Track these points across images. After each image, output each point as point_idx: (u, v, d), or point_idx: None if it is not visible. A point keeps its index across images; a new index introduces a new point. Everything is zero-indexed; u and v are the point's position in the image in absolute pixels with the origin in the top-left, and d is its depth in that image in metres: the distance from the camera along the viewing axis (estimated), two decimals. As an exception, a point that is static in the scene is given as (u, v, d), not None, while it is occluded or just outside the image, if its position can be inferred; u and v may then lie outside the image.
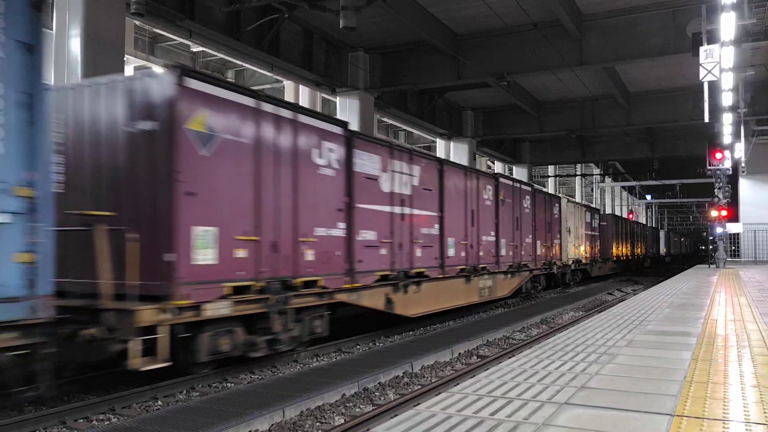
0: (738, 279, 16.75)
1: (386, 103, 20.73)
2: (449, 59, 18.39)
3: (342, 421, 6.65)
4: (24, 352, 5.39)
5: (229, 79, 9.20)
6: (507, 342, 12.10)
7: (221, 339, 7.88)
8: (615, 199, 56.11)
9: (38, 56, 5.52)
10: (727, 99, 16.49)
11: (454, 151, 26.49)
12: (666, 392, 4.06)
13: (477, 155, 28.58)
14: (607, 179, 50.89)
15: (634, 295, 17.63)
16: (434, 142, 28.42)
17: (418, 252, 12.72)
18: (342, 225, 10.25)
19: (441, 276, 13.58)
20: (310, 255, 9.40)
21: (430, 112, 23.64)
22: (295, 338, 9.12)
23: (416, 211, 12.72)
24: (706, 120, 17.05)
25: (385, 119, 24.64)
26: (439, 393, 4.89)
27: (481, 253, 15.74)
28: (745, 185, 28.10)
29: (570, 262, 24.62)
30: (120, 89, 7.61)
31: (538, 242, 20.41)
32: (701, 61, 13.02)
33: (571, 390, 4.11)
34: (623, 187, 57.65)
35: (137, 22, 14.85)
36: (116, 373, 8.36)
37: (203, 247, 7.49)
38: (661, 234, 62.62)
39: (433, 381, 8.57)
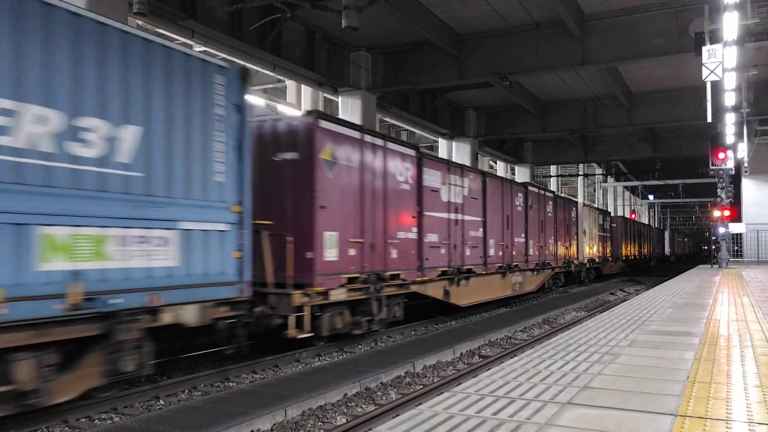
0: (741, 279, 16.71)
1: (388, 102, 20.71)
2: (451, 59, 18.38)
3: (344, 420, 6.66)
4: (232, 321, 7.82)
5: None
6: (509, 342, 12.09)
7: (336, 318, 10.27)
8: (617, 199, 56.03)
9: (244, 113, 7.97)
10: (729, 99, 16.45)
11: (456, 151, 26.46)
12: (669, 392, 4.05)
13: (479, 155, 28.55)
14: (610, 179, 50.80)
15: (637, 295, 17.60)
16: (436, 141, 28.40)
17: (468, 252, 15.07)
18: (414, 229, 12.67)
19: (484, 272, 15.97)
20: (394, 253, 11.82)
21: (432, 111, 23.62)
22: (383, 320, 11.51)
23: (466, 217, 15.14)
24: (709, 120, 17.00)
25: (387, 119, 24.61)
26: (442, 393, 4.89)
27: (513, 253, 18.15)
28: (747, 185, 28.04)
29: (585, 261, 27.08)
30: (269, 127, 9.98)
31: (559, 243, 22.80)
32: (704, 60, 12.99)
33: (573, 390, 4.10)
34: (626, 187, 57.54)
35: (140, 22, 14.84)
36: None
37: (330, 247, 9.99)
38: (666, 235, 65.40)
39: (435, 381, 8.56)
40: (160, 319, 6.86)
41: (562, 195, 27.97)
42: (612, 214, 36.38)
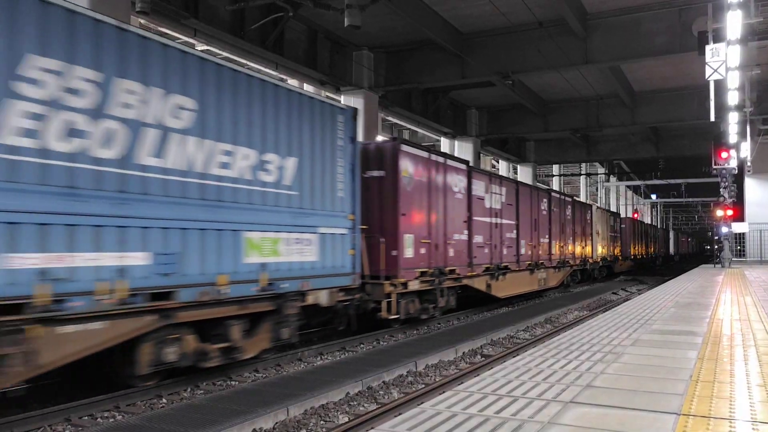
0: (743, 279, 16.68)
1: (391, 101, 20.71)
2: (454, 58, 18.37)
3: (346, 419, 6.65)
4: (346, 303, 10.29)
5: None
6: (511, 341, 12.08)
7: (410, 305, 12.46)
8: (620, 199, 55.97)
9: (355, 143, 10.46)
10: (733, 98, 16.40)
11: (458, 150, 26.45)
12: (672, 391, 4.04)
13: (481, 154, 28.53)
14: (612, 178, 50.74)
15: (639, 294, 17.58)
16: (438, 140, 28.38)
17: (504, 251, 17.27)
18: (465, 232, 14.80)
19: (517, 269, 18.13)
20: (451, 252, 14.00)
21: (434, 111, 23.61)
22: (442, 308, 13.70)
23: (504, 221, 17.31)
24: (712, 119, 16.98)
25: (389, 118, 24.61)
26: (444, 391, 4.88)
27: (540, 252, 20.25)
28: (750, 185, 27.98)
29: (599, 260, 29.22)
30: (360, 149, 11.28)
31: (576, 243, 24.92)
32: (707, 59, 12.95)
33: (576, 389, 4.09)
34: (628, 187, 57.47)
35: (142, 21, 14.85)
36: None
37: (408, 247, 12.19)
38: (671, 235, 68.26)
39: (437, 380, 8.56)
40: (307, 300, 9.27)
41: (579, 199, 30.85)
42: (621, 216, 38.46)
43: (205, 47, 15.73)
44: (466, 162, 15.13)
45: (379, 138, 19.25)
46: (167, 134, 7.12)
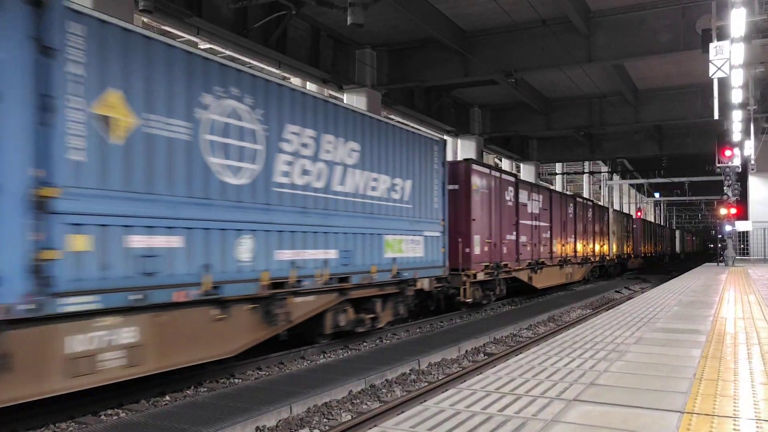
0: (747, 277, 16.65)
1: (393, 100, 20.69)
2: (457, 56, 18.34)
3: (349, 417, 6.66)
4: (439, 289, 13.35)
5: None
6: (514, 339, 12.07)
7: (476, 292, 15.30)
8: (623, 197, 55.85)
9: (445, 166, 13.40)
10: (736, 96, 16.34)
11: (461, 148, 26.42)
12: (676, 389, 4.03)
13: (484, 152, 28.50)
14: (615, 177, 50.63)
15: (643, 293, 17.55)
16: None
17: (541, 249, 20.52)
18: (514, 233, 18.00)
19: (551, 264, 21.49)
20: (504, 249, 17.13)
21: (437, 109, 23.59)
22: (498, 295, 16.67)
23: (541, 223, 20.64)
24: (716, 117, 16.92)
25: (392, 116, 24.61)
26: (447, 390, 4.88)
27: (567, 250, 23.76)
28: (754, 183, 27.90)
29: (614, 257, 32.58)
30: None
31: (595, 242, 28.37)
32: (711, 57, 12.90)
33: (579, 387, 4.09)
34: (631, 185, 57.34)
35: (145, 20, 14.85)
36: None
37: (477, 245, 15.16)
38: (677, 234, 72.55)
39: (440, 378, 8.56)
40: (416, 286, 12.19)
41: (599, 203, 34.01)
42: (633, 217, 42.05)
43: (208, 45, 15.73)
44: (515, 175, 19.40)
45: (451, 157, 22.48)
46: (346, 169, 10.12)
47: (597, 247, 28.41)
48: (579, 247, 25.19)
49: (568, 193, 29.86)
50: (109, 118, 6.26)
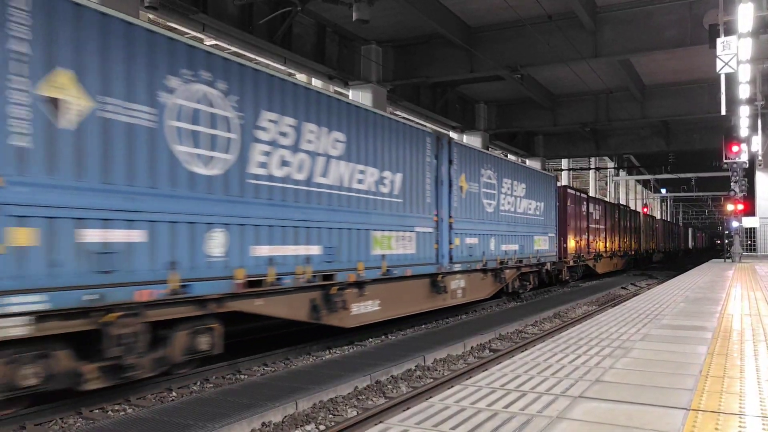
0: (754, 273, 16.58)
1: (399, 96, 20.67)
2: (462, 52, 18.29)
3: (355, 413, 6.68)
4: (535, 271, 19.05)
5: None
6: (520, 336, 12.07)
7: (567, 274, 22.44)
8: (629, 193, 55.63)
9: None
10: (744, 91, 16.24)
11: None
12: (681, 386, 4.03)
13: (490, 148, 28.43)
14: (622, 173, 50.40)
15: (649, 289, 17.51)
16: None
17: (599, 245, 27.49)
18: (586, 234, 24.62)
19: (605, 256, 28.74)
20: (581, 245, 23.90)
21: (443, 105, 23.55)
22: (576, 279, 24.44)
23: (599, 226, 27.86)
24: (723, 113, 16.83)
25: (398, 112, 24.55)
26: (452, 386, 4.89)
27: (615, 245, 30.95)
28: (761, 179, 27.74)
29: (644, 251, 40.20)
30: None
31: (632, 240, 35.72)
32: (718, 52, 12.82)
33: (585, 383, 4.09)
34: (638, 181, 57.08)
35: (151, 16, 14.86)
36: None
37: (570, 242, 22.38)
38: (689, 231, 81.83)
39: (445, 374, 8.57)
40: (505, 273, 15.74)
41: (629, 207, 39.76)
42: (657, 218, 50.02)
43: (213, 42, 15.74)
44: (586, 192, 27.78)
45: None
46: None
47: (633, 244, 35.84)
48: (621, 243, 32.67)
49: (614, 202, 36.85)
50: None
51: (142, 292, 6.46)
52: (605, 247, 28.46)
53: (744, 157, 22.67)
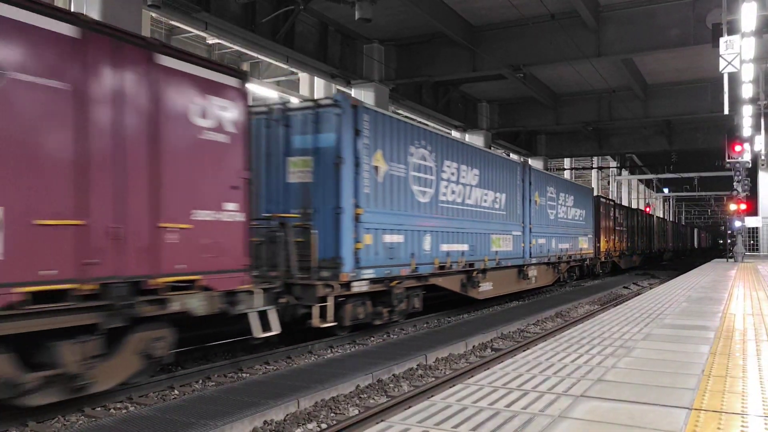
0: (756, 273, 16.55)
1: (401, 95, 20.66)
2: (465, 51, 18.28)
3: (356, 412, 6.68)
4: (579, 266, 24.07)
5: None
6: (522, 335, 12.06)
7: (601, 267, 27.42)
8: (632, 192, 55.57)
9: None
10: (747, 91, 16.21)
11: (469, 143, 26.34)
12: (684, 386, 4.02)
13: (492, 148, 28.42)
14: (624, 172, 50.34)
15: (651, 288, 17.49)
16: (449, 134, 28.24)
17: (624, 244, 32.16)
18: (614, 235, 29.52)
19: (628, 254, 33.36)
20: (610, 244, 28.96)
21: (445, 104, 23.53)
22: (608, 269, 29.49)
23: (622, 228, 32.14)
24: (726, 112, 16.77)
25: (400, 111, 24.54)
26: (454, 385, 4.89)
27: (635, 245, 35.55)
28: (764, 178, 27.69)
29: (656, 250, 44.78)
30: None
31: (647, 239, 40.28)
32: (721, 52, 12.79)
33: (587, 383, 4.09)
34: (640, 180, 57.00)
35: (153, 15, 14.89)
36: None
37: (602, 242, 27.10)
38: (695, 232, 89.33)
39: (447, 373, 8.56)
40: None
41: (651, 213, 45.75)
42: (668, 221, 57.30)
43: (216, 40, 15.75)
44: (613, 201, 33.14)
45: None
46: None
47: (648, 243, 40.68)
48: (639, 243, 37.15)
49: (634, 208, 41.40)
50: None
51: (402, 270, 11.31)
52: (627, 246, 33.22)
53: (747, 157, 22.65)
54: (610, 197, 47.33)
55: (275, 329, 7.97)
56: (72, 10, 10.77)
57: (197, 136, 7.14)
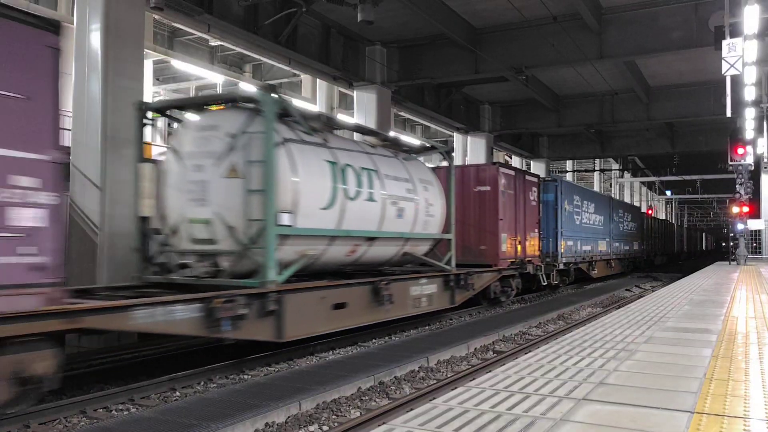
0: (759, 276, 16.52)
1: (403, 97, 20.66)
2: (467, 53, 18.28)
3: (357, 414, 6.67)
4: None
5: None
6: (524, 337, 12.05)
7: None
8: (634, 195, 55.49)
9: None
10: (749, 93, 16.20)
11: (471, 145, 26.36)
12: (686, 389, 4.02)
13: (494, 150, 28.42)
14: (627, 174, 50.28)
15: (653, 291, 17.46)
16: (451, 136, 28.29)
17: (657, 247, 41.49)
18: (651, 240, 39.09)
19: (654, 255, 39.41)
20: (651, 246, 39.03)
21: (447, 106, 23.54)
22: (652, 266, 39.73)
23: (657, 234, 41.46)
24: (728, 115, 16.76)
25: (402, 113, 24.55)
26: (456, 387, 4.89)
27: (663, 248, 43.71)
28: (767, 181, 27.64)
29: (675, 251, 51.26)
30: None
31: (672, 243, 48.11)
32: (724, 54, 12.79)
33: (589, 386, 4.08)
34: (642, 183, 56.93)
35: (156, 17, 14.92)
36: (134, 364, 8.47)
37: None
38: (703, 235, 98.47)
39: (449, 376, 8.56)
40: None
41: (661, 218, 51.77)
42: (684, 226, 69.14)
43: (219, 42, 15.77)
44: (654, 216, 42.73)
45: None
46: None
47: (672, 246, 48.97)
48: (667, 246, 45.42)
49: (658, 217, 48.03)
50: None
51: (574, 259, 21.23)
52: (660, 248, 42.43)
53: (749, 160, 22.61)
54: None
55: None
56: (75, 12, 10.81)
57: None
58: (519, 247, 16.60)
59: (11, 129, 5.48)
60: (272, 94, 8.43)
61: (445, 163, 13.97)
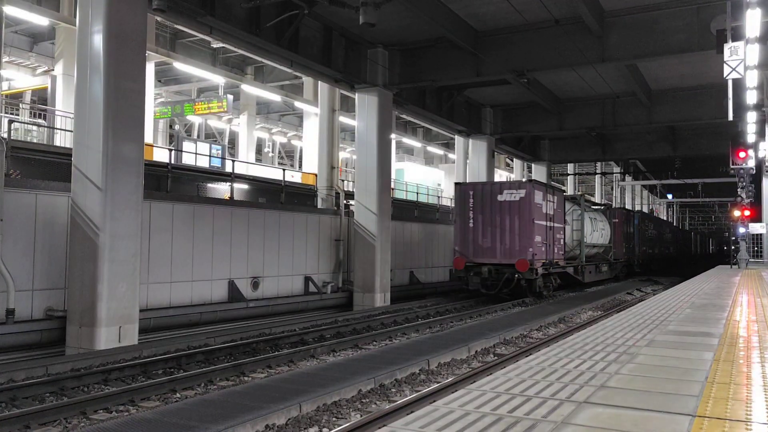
0: (761, 280, 16.49)
1: (405, 99, 20.66)
2: (469, 56, 18.29)
3: (358, 416, 6.66)
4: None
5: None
6: (524, 341, 12.03)
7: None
8: (635, 198, 55.49)
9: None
10: (751, 97, 16.18)
11: (472, 148, 26.34)
12: (687, 392, 4.00)
13: (495, 153, 28.41)
14: (628, 178, 50.28)
15: (654, 295, 17.44)
16: (452, 139, 28.26)
17: (671, 252, 46.39)
18: (658, 244, 41.45)
19: (669, 258, 45.75)
20: (661, 250, 42.71)
21: (448, 108, 23.53)
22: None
23: (670, 240, 47.23)
24: (730, 118, 16.71)
25: (403, 116, 24.54)
26: (457, 390, 4.87)
27: (673, 251, 47.61)
28: (768, 185, 27.58)
29: (691, 254, 56.00)
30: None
31: (685, 246, 50.06)
32: (725, 58, 12.76)
33: (590, 389, 4.07)
34: (644, 186, 56.92)
35: (158, 19, 14.94)
36: (134, 365, 8.45)
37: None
38: (710, 240, 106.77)
39: (450, 378, 8.54)
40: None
41: (678, 226, 59.17)
42: (686, 229, 76.06)
43: (221, 44, 15.79)
44: (677, 226, 54.86)
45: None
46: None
47: (684, 249, 53.83)
48: (684, 248, 52.08)
49: (674, 225, 52.20)
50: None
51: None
52: (668, 252, 44.98)
53: (751, 163, 22.55)
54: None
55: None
56: (77, 13, 10.83)
57: None
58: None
59: None
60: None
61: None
